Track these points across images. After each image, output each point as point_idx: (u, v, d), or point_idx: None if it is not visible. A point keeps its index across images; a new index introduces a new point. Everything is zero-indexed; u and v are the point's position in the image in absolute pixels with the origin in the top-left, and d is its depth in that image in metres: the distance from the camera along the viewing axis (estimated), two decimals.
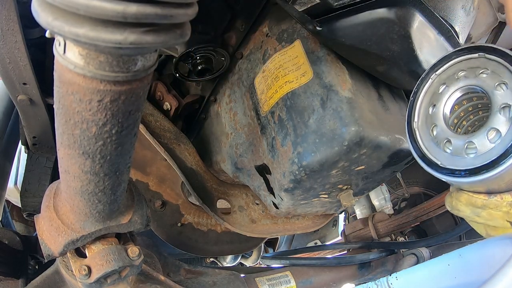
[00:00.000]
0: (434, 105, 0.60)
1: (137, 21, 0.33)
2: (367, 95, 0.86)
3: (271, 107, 0.92)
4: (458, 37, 0.86)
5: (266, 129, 0.94)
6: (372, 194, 1.73)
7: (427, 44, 0.79)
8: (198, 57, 1.02)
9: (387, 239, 1.61)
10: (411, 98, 0.65)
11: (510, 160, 0.49)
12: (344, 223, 2.18)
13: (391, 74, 0.85)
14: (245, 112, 1.03)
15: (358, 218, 1.78)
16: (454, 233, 1.43)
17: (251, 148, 1.01)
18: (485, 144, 0.52)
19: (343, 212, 2.09)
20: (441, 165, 0.56)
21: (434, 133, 0.59)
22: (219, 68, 1.06)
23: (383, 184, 1.70)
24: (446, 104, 0.60)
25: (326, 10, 0.74)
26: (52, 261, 0.77)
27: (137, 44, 0.34)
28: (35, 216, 0.70)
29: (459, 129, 0.62)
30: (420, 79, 0.64)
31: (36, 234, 0.71)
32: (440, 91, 0.61)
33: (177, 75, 1.05)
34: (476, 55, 0.57)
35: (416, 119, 0.62)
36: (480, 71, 0.56)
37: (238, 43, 1.03)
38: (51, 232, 0.66)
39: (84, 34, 0.33)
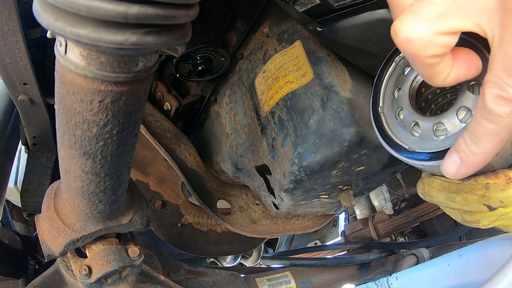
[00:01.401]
0: (400, 88, 0.56)
1: (139, 22, 0.33)
2: (368, 95, 0.86)
3: (271, 107, 0.92)
4: None
5: (267, 129, 0.94)
6: (372, 195, 1.73)
7: None
8: (198, 58, 1.02)
9: (387, 239, 1.62)
10: (375, 82, 0.60)
11: None
12: (344, 223, 2.19)
13: None
14: (246, 113, 1.03)
15: (358, 218, 1.78)
16: (454, 233, 1.43)
17: (252, 148, 1.01)
18: (455, 124, 0.49)
19: (343, 213, 2.10)
20: (409, 149, 0.52)
21: (401, 116, 0.55)
22: (219, 68, 1.06)
23: (383, 184, 1.70)
24: (412, 86, 0.55)
25: (326, 11, 0.74)
26: (52, 261, 0.77)
27: (139, 45, 0.34)
28: (35, 216, 0.70)
29: (428, 113, 0.58)
30: (383, 62, 0.60)
31: (36, 234, 0.71)
32: (406, 73, 0.56)
33: (178, 75, 1.05)
34: None
35: (381, 104, 0.59)
36: None
37: (238, 43, 1.03)
38: (52, 232, 0.66)
39: (86, 34, 0.33)
